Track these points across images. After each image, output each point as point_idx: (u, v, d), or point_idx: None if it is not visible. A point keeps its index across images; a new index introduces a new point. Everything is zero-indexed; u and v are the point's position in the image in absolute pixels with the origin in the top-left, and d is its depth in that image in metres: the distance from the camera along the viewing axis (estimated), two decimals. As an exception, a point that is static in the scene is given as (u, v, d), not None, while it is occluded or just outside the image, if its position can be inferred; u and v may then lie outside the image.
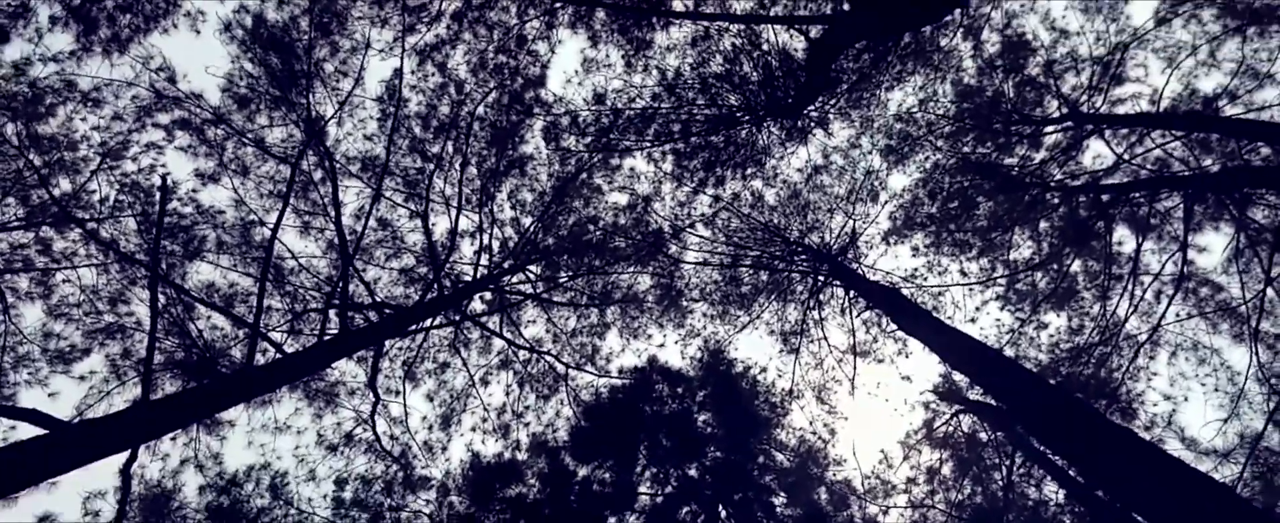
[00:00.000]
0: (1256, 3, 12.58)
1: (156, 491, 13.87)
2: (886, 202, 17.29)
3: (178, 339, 12.71)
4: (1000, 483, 13.83)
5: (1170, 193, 14.17)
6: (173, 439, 13.85)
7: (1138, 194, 14.38)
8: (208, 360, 12.76)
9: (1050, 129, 15.00)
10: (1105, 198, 14.70)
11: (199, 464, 14.07)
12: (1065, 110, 14.53)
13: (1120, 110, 14.28)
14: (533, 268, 16.75)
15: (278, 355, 11.36)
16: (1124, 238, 15.36)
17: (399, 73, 12.95)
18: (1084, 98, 14.29)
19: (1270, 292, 13.47)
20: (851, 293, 17.86)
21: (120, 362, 12.78)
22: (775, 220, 17.91)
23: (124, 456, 10.95)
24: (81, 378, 12.28)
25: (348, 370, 15.65)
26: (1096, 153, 15.17)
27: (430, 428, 16.79)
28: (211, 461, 14.16)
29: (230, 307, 13.43)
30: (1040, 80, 14.46)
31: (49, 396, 11.89)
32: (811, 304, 18.58)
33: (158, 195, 11.69)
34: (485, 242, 15.24)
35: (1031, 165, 15.38)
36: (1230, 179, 12.99)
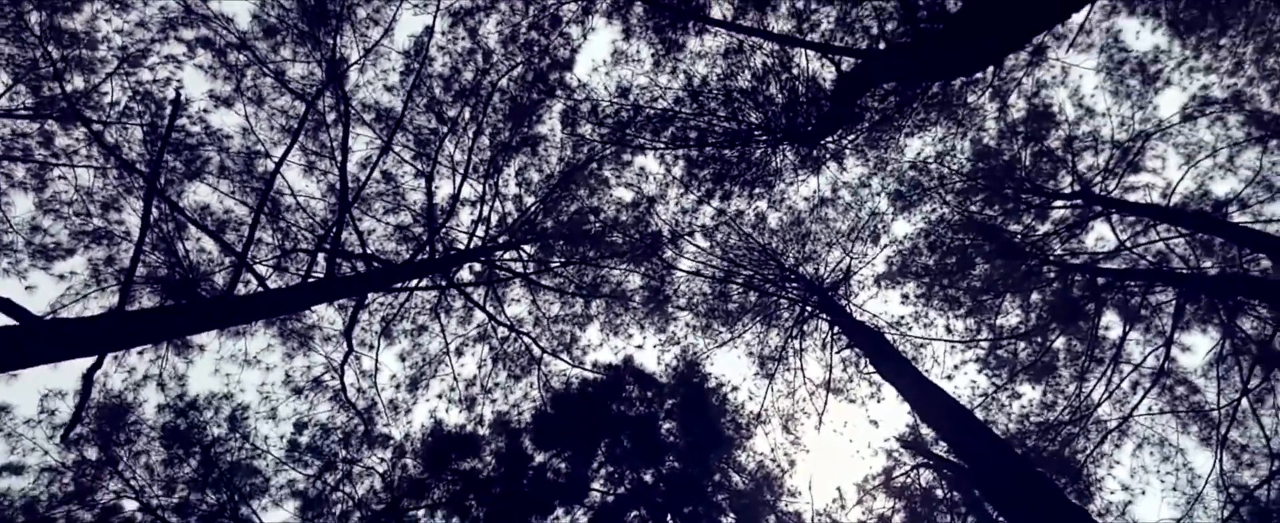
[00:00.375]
0: (1283, 114, 12.61)
1: (116, 401, 13.85)
2: (886, 245, 17.33)
3: (163, 256, 12.69)
4: (947, 543, 13.83)
5: (1165, 288, 14.18)
6: (140, 354, 13.84)
7: (1133, 283, 14.39)
8: (190, 282, 12.74)
9: (1059, 204, 15.02)
10: (1101, 281, 14.71)
11: (162, 383, 14.06)
12: (1078, 188, 14.55)
13: (1131, 198, 14.31)
14: (527, 247, 16.73)
15: (260, 289, 11.37)
16: (1112, 324, 15.40)
17: (430, 31, 12.95)
18: (1098, 179, 14.32)
19: (1245, 402, 13.49)
20: (836, 329, 17.87)
21: (102, 268, 12.76)
22: (774, 244, 17.91)
23: (90, 361, 10.95)
24: (61, 277, 12.26)
25: (326, 316, 15.66)
26: (1100, 235, 15.17)
27: (398, 387, 16.79)
28: (175, 382, 14.15)
29: (221, 233, 13.40)
30: (1058, 154, 14.48)
31: (25, 288, 11.87)
32: (795, 333, 18.59)
33: (169, 109, 11.68)
34: (485, 213, 15.23)
35: (1034, 236, 15.40)
36: (1227, 285, 13.01)
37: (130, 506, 14.29)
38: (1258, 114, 12.82)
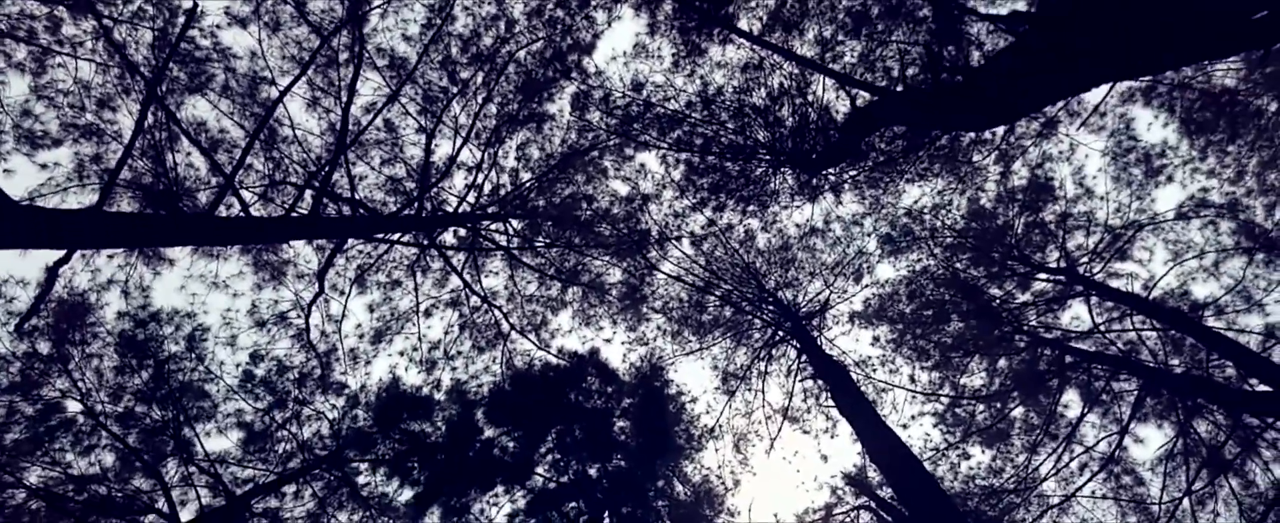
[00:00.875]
0: (1274, 231, 12.69)
1: (78, 300, 13.76)
2: (867, 286, 17.39)
3: (151, 164, 12.59)
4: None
5: (1130, 377, 14.27)
6: (110, 257, 13.74)
7: (1100, 367, 14.47)
8: (173, 194, 12.64)
9: (1043, 277, 15.10)
10: (1069, 359, 14.78)
11: (127, 291, 13.97)
12: (1064, 265, 14.62)
13: (1114, 284, 14.40)
14: (515, 222, 16.70)
15: (242, 214, 11.30)
16: (1072, 403, 15.48)
17: (458, -12, 12.91)
18: (1085, 259, 14.40)
19: (1187, 503, 13.59)
20: (803, 358, 17.90)
21: (87, 165, 12.64)
22: (758, 264, 17.93)
23: (59, 254, 10.88)
24: (43, 167, 12.13)
25: (303, 254, 15.57)
26: (1077, 314, 15.30)
27: (361, 337, 16.72)
28: (140, 292, 14.06)
29: (213, 151, 13.30)
30: (1051, 228, 14.54)
31: (4, 170, 11.76)
32: (763, 355, 18.62)
33: (183, 17, 11.59)
34: (479, 180, 15.18)
35: (1013, 303, 15.47)
36: (1190, 386, 13.09)
37: (74, 407, 14.21)
38: (1250, 225, 12.92)
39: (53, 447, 14.09)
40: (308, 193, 13.88)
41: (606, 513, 14.04)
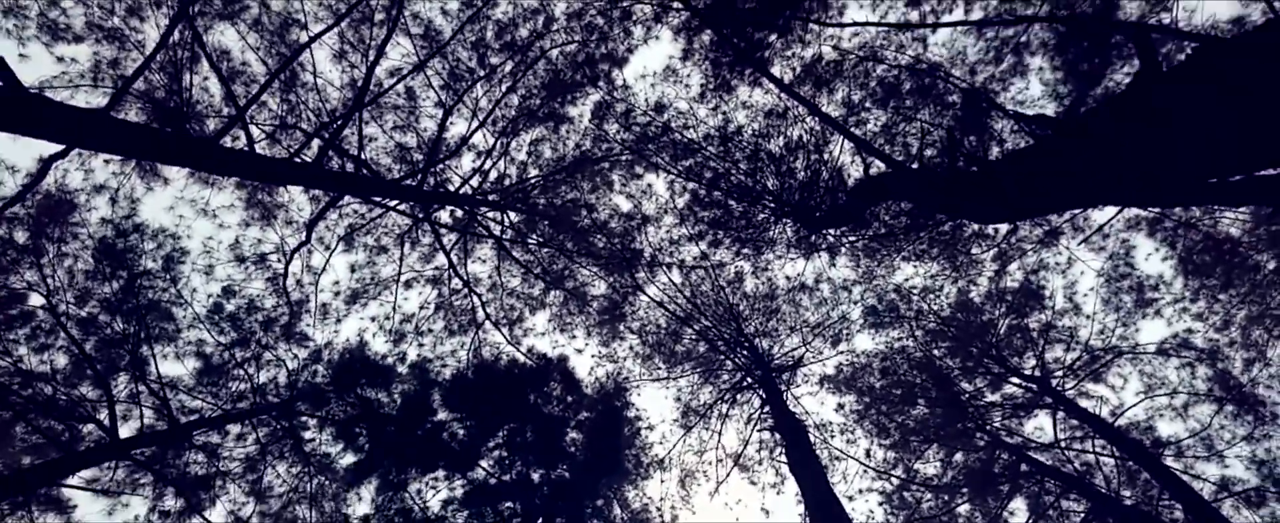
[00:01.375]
0: (1248, 387, 12.63)
1: (65, 197, 13.73)
2: (843, 352, 17.31)
3: (167, 80, 12.61)
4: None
5: (1081, 499, 14.14)
6: (107, 162, 13.71)
7: (1053, 482, 14.36)
8: (183, 115, 12.63)
9: (1016, 382, 15.03)
10: (1024, 467, 14.68)
11: (115, 199, 13.94)
12: (1038, 374, 14.56)
13: (1083, 403, 14.33)
14: (512, 215, 16.65)
15: (247, 148, 11.31)
16: (1018, 511, 15.36)
17: (506, -26, 12.95)
18: (1059, 373, 14.36)
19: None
20: (766, 409, 17.82)
21: (104, 67, 12.62)
22: (741, 307, 17.88)
23: (57, 149, 10.87)
24: (60, 59, 12.12)
25: (298, 201, 15.53)
26: (1040, 425, 15.26)
27: (337, 295, 16.66)
28: (128, 202, 14.03)
29: (231, 81, 13.30)
30: (1033, 336, 14.51)
31: (20, 54, 11.73)
32: (728, 398, 18.53)
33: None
34: (486, 166, 15.16)
35: (980, 401, 15.39)
36: (1138, 521, 12.97)
37: (36, 300, 14.17)
38: (1226, 376, 12.89)
39: (7, 336, 14.03)
40: (315, 142, 13.88)
41: (541, 519, 13.92)
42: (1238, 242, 12.31)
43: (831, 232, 14.24)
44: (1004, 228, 13.23)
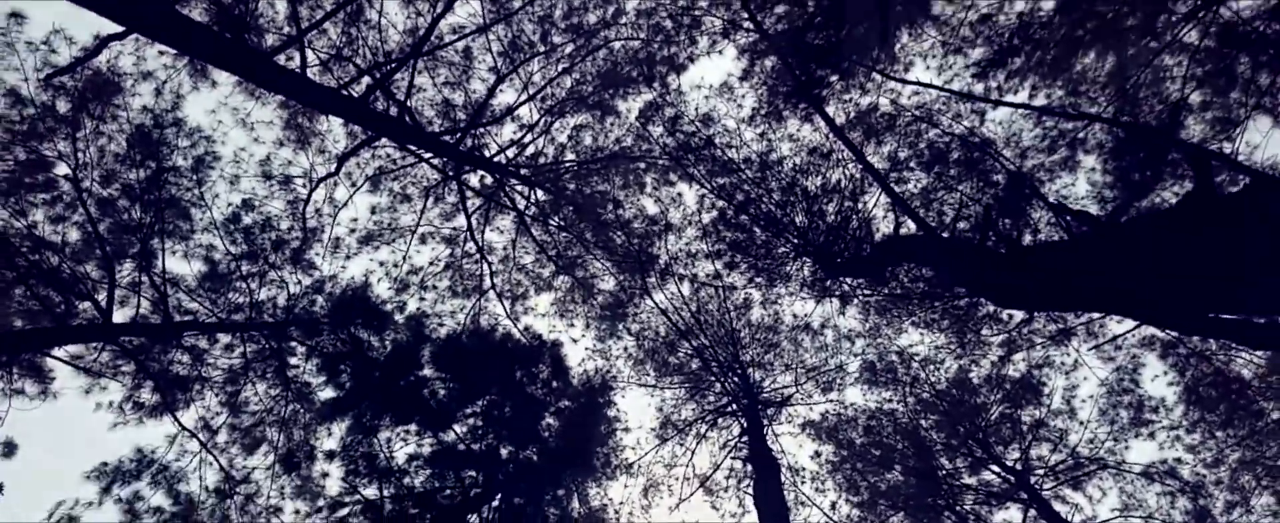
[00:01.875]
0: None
1: (113, 78, 13.88)
2: (832, 401, 17.19)
3: (235, -13, 12.72)
4: None
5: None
6: (161, 54, 13.84)
7: (1009, 579, 14.19)
8: (245, 24, 12.75)
9: (996, 470, 14.87)
10: (984, 558, 14.51)
11: (160, 90, 14.06)
12: (1019, 468, 14.39)
13: (1057, 507, 14.14)
14: (540, 193, 16.62)
15: (298, 70, 11.39)
16: (969, 600, 15.19)
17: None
18: (1041, 472, 14.17)
19: None
20: (744, 439, 17.71)
21: (178, -39, 12.75)
22: (742, 333, 17.80)
23: (116, 29, 11.00)
24: (138, -56, 12.25)
25: (335, 133, 15.60)
26: (1010, 518, 15.04)
27: (351, 232, 16.72)
28: (173, 97, 14.14)
29: (298, 1, 13.40)
30: (1022, 429, 14.33)
31: (101, -67, 11.85)
32: (709, 419, 18.46)
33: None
34: (525, 140, 15.17)
35: (957, 481, 15.22)
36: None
37: (62, 170, 14.32)
38: (1205, 514, 12.67)
39: (26, 198, 14.20)
40: (365, 80, 13.92)
41: (499, 494, 13.93)
42: (1247, 383, 12.11)
43: (848, 280, 14.13)
44: (1019, 316, 13.08)
